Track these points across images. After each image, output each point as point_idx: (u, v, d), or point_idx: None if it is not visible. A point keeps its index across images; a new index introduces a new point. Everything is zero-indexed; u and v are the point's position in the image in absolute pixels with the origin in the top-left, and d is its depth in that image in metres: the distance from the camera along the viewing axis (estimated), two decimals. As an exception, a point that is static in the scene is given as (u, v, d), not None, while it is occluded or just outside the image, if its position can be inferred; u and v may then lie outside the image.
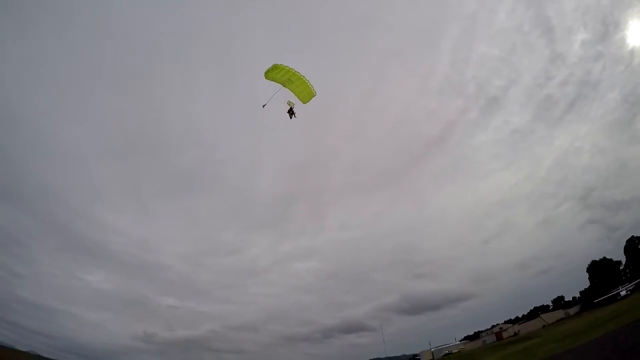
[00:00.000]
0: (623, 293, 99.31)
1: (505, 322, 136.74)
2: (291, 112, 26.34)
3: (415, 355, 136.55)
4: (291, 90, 24.07)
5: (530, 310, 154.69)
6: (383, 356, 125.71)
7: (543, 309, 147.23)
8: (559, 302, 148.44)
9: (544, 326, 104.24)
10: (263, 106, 23.74)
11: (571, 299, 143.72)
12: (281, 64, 23.60)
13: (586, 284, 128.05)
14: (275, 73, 24.06)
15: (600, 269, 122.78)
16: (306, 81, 23.79)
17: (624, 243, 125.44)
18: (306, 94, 23.57)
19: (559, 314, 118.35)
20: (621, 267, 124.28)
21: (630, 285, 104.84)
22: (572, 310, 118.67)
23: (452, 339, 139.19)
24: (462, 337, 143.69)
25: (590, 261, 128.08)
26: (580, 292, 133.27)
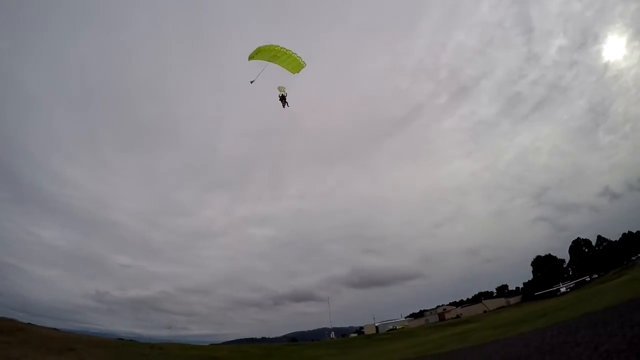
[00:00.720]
0: (563, 290, 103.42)
1: (450, 304, 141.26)
2: (283, 100, 23.88)
3: (360, 328, 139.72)
4: (279, 64, 22.45)
5: (475, 295, 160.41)
6: (329, 327, 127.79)
7: (487, 295, 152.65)
8: (502, 290, 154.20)
9: (485, 312, 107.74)
10: (251, 82, 21.71)
11: (514, 289, 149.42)
12: (265, 45, 21.70)
13: (529, 276, 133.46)
14: (260, 55, 22.43)
15: (544, 265, 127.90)
16: (293, 54, 22.27)
17: (570, 243, 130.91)
18: (295, 65, 22.03)
19: (501, 301, 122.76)
20: (564, 265, 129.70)
21: (570, 284, 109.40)
22: (513, 300, 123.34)
23: (399, 315, 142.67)
24: (408, 314, 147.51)
25: (536, 256, 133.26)
26: (524, 284, 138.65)
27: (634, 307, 17.47)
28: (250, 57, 22.39)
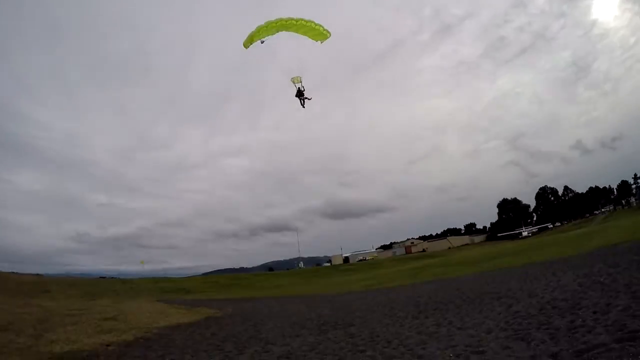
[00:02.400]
0: (525, 234, 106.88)
1: (419, 238, 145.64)
2: (301, 97, 17.22)
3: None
4: (294, 32, 16.15)
5: (444, 230, 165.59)
6: (302, 256, 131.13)
7: (455, 232, 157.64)
8: (470, 228, 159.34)
9: (449, 248, 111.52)
10: (262, 42, 14.97)
11: (482, 228, 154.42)
12: (269, 22, 15.14)
13: (496, 217, 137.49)
14: (263, 34, 15.78)
15: (509, 208, 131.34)
16: (310, 22, 15.70)
17: (537, 190, 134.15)
18: (316, 33, 15.92)
19: (465, 239, 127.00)
20: (530, 211, 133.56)
21: (533, 229, 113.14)
22: (478, 239, 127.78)
23: (370, 246, 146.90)
24: (379, 246, 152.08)
25: (502, 198, 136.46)
26: (491, 224, 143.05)
27: (569, 266, 17.27)
28: (250, 41, 15.76)
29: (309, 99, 17.44)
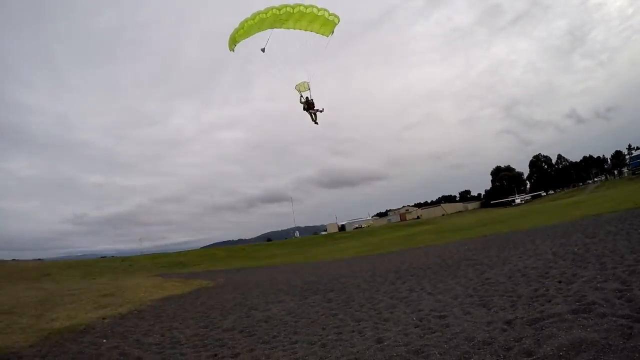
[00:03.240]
0: (518, 201, 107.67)
1: (414, 205, 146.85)
2: (311, 109, 14.13)
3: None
4: (293, 29, 12.72)
5: (439, 197, 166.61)
6: (299, 226, 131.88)
7: (450, 199, 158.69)
8: (465, 195, 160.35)
9: (443, 215, 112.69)
10: (262, 50, 12.40)
11: (476, 195, 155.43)
12: (254, 15, 11.74)
13: (490, 185, 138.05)
14: (252, 30, 12.38)
15: (503, 175, 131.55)
16: (311, 8, 12.22)
17: (531, 158, 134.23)
18: (321, 22, 12.40)
19: (459, 206, 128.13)
20: (523, 178, 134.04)
21: (526, 196, 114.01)
22: (471, 206, 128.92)
23: (366, 214, 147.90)
24: (374, 214, 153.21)
25: (496, 166, 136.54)
26: (485, 191, 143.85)
27: (550, 234, 17.43)
28: (234, 42, 12.40)
29: (320, 111, 13.96)
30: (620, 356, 4.05)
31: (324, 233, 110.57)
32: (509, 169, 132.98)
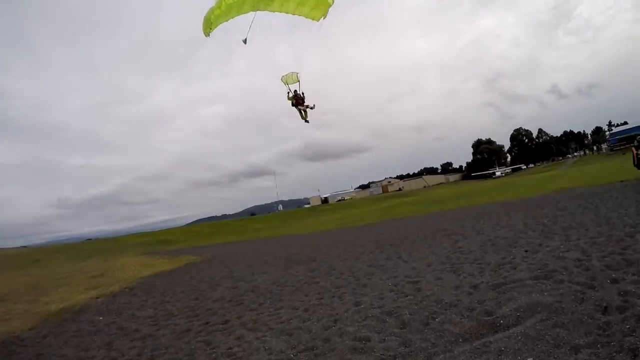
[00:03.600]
0: (498, 174, 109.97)
1: (396, 177, 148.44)
2: (300, 106, 12.71)
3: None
4: (279, 11, 10.86)
5: (420, 170, 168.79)
6: (282, 199, 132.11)
7: (432, 171, 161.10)
8: (447, 167, 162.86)
9: (424, 186, 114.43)
10: (244, 42, 10.62)
11: (458, 167, 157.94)
12: None
13: (471, 157, 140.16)
14: (231, 13, 10.57)
15: (484, 148, 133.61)
16: None
17: (512, 131, 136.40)
18: (314, 4, 10.44)
19: (440, 178, 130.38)
20: (505, 151, 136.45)
21: (507, 169, 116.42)
22: (452, 178, 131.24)
23: (349, 186, 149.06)
24: (357, 186, 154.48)
25: (477, 139, 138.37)
26: (467, 163, 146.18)
27: (524, 207, 18.06)
28: (210, 25, 10.24)
29: (311, 108, 12.48)
30: (571, 318, 4.50)
31: (307, 206, 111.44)
32: (489, 142, 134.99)
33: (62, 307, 11.05)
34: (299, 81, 12.50)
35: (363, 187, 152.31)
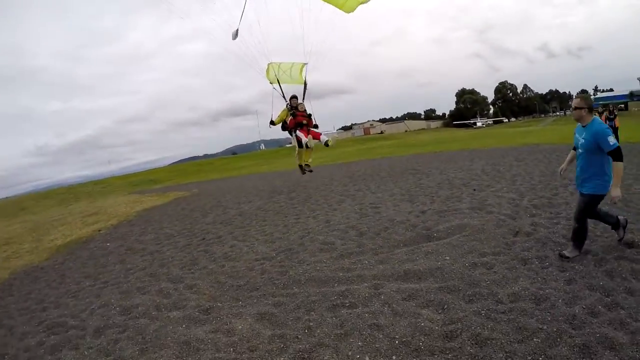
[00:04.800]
0: (479, 124, 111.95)
1: (379, 120, 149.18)
2: (302, 138, 10.91)
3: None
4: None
5: (403, 114, 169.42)
6: (266, 139, 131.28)
7: (415, 116, 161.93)
8: (429, 114, 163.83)
9: (405, 131, 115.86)
10: (234, 36, 9.15)
11: (441, 114, 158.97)
12: None
13: (454, 106, 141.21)
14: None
15: (467, 98, 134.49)
16: None
17: (497, 84, 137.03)
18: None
19: (422, 124, 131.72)
20: (488, 103, 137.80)
21: (488, 120, 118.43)
22: (434, 125, 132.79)
23: (332, 127, 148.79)
24: (339, 127, 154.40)
25: (461, 88, 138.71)
26: (450, 111, 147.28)
27: (490, 155, 19.40)
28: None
29: (327, 144, 10.41)
30: (487, 236, 5.95)
31: (288, 146, 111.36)
32: (473, 92, 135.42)
33: (68, 240, 11.93)
34: (305, 83, 7.84)
35: (345, 128, 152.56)
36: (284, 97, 9.28)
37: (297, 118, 9.41)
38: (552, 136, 27.90)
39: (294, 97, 9.58)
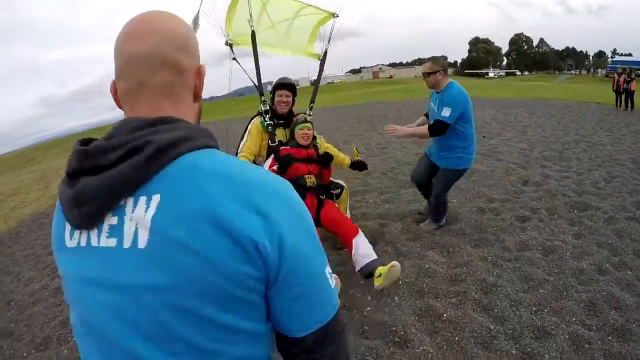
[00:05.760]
0: (491, 75, 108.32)
1: (388, 65, 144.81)
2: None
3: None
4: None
5: (414, 60, 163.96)
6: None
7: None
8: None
9: (415, 76, 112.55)
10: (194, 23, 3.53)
11: (453, 62, 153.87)
12: None
13: (467, 54, 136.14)
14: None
15: (481, 47, 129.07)
16: None
17: (512, 36, 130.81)
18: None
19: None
20: (502, 54, 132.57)
21: (501, 72, 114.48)
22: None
23: (340, 70, 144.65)
24: (348, 70, 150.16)
25: (475, 36, 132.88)
26: (462, 59, 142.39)
27: (500, 105, 18.86)
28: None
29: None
30: (496, 182, 5.75)
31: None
32: (487, 41, 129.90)
33: None
34: (323, 57, 4.25)
35: (354, 71, 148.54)
36: (259, 88, 3.69)
37: (292, 167, 3.36)
38: (565, 93, 26.94)
39: (287, 91, 3.69)
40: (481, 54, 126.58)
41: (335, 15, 4.21)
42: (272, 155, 3.46)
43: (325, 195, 3.54)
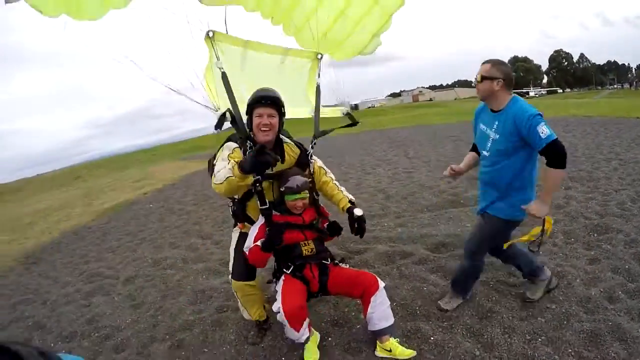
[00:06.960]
0: (532, 94, 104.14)
1: (428, 87, 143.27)
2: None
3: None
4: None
5: (453, 82, 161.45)
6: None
7: (465, 84, 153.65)
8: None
9: (455, 98, 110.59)
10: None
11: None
12: None
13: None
14: None
15: (520, 66, 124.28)
16: None
17: (552, 52, 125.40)
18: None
19: (472, 91, 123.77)
20: (542, 72, 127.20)
21: (542, 90, 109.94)
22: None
23: (380, 94, 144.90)
24: (388, 94, 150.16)
25: (513, 55, 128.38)
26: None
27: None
28: None
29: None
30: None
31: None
32: (526, 60, 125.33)
33: (116, 203, 12.39)
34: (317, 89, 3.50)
35: (394, 95, 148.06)
36: (242, 130, 2.83)
37: (284, 234, 2.64)
38: (605, 109, 25.46)
39: (270, 109, 2.67)
40: (521, 72, 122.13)
41: (319, 57, 3.54)
42: (261, 221, 2.75)
43: (330, 259, 2.82)
